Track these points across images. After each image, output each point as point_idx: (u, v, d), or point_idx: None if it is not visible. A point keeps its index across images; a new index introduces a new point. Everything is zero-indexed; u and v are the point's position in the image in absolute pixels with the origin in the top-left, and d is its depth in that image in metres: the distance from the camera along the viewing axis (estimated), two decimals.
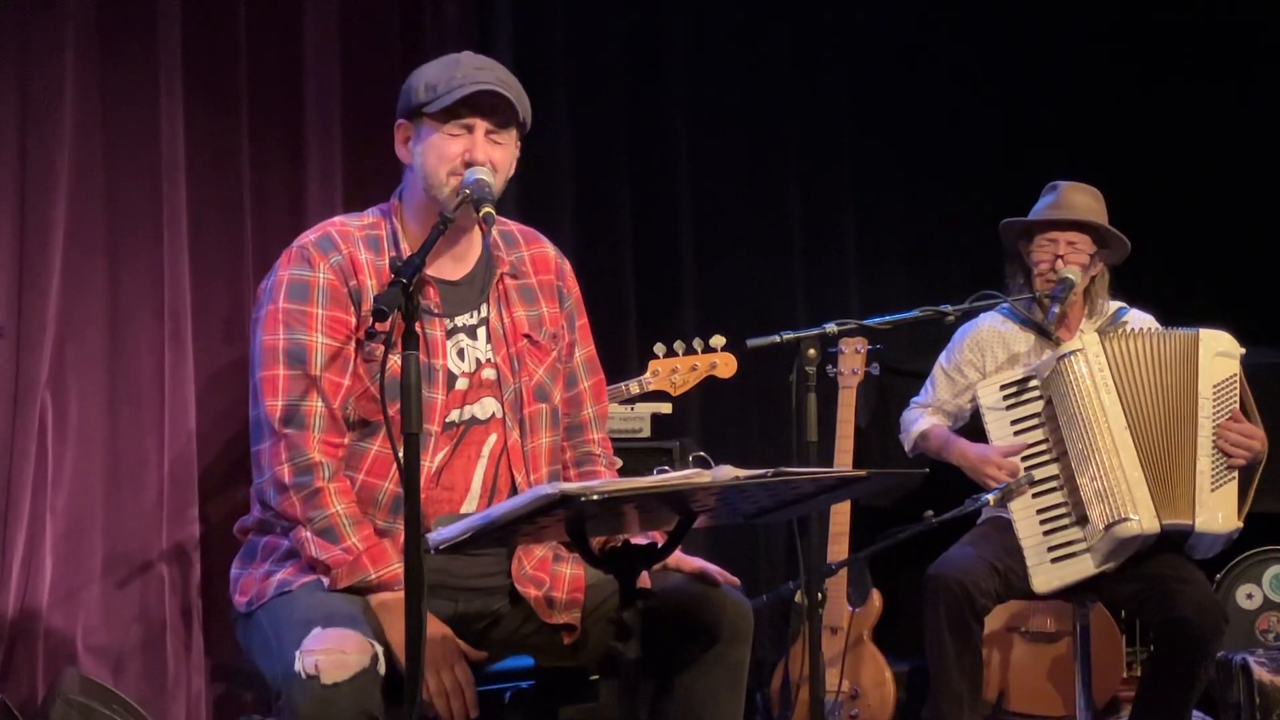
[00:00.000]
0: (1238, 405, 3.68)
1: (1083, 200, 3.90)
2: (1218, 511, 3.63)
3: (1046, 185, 3.98)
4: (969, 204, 5.11)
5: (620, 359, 4.49)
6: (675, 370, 3.98)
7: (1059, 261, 3.84)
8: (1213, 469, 3.63)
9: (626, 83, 4.89)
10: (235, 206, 3.79)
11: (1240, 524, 3.67)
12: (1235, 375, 3.70)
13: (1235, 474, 3.65)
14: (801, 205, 5.16)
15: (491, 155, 2.75)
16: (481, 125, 2.76)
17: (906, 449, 4.12)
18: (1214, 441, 3.64)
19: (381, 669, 2.53)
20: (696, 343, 4.00)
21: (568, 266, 3.03)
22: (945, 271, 5.16)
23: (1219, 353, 3.69)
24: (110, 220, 3.62)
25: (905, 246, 5.31)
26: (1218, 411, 3.66)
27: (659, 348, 4.00)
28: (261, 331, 2.76)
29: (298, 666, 2.47)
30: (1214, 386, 3.67)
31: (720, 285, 5.03)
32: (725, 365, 4.00)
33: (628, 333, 4.77)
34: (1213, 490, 3.63)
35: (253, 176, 3.82)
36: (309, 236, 2.83)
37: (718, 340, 3.98)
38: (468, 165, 2.73)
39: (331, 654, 2.48)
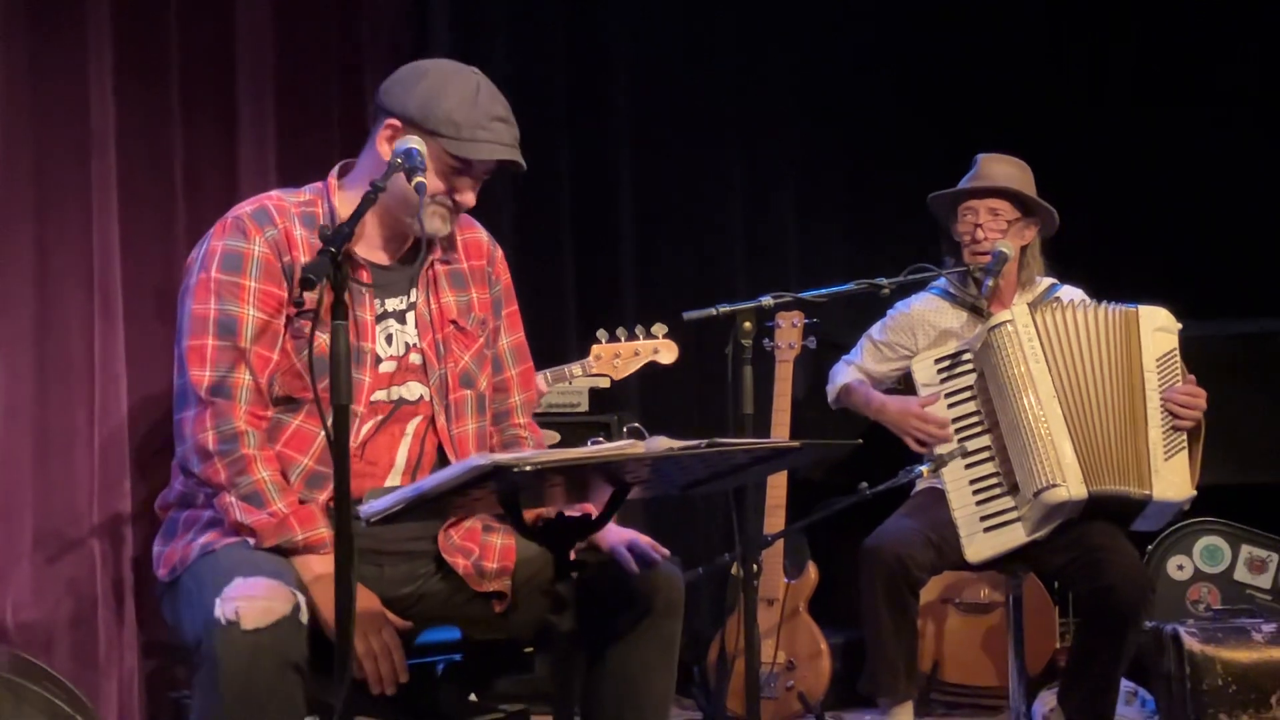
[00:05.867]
0: (1180, 379, 3.72)
1: (1001, 169, 3.95)
2: (1173, 479, 3.66)
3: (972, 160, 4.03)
4: (909, 181, 5.12)
5: (560, 339, 4.48)
6: (618, 355, 4.00)
7: (978, 230, 3.89)
8: (1164, 439, 3.67)
9: (566, 61, 4.87)
10: (166, 179, 3.74)
11: (1194, 491, 3.71)
12: (1175, 349, 3.74)
13: (1185, 442, 3.70)
14: (743, 184, 5.17)
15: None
16: (483, 174, 2.81)
17: (830, 400, 4.18)
18: (1161, 410, 3.68)
19: (304, 618, 2.50)
20: (639, 329, 4.03)
21: (500, 253, 3.03)
22: (885, 249, 5.16)
23: (1158, 328, 3.73)
24: (38, 193, 3.56)
25: (845, 227, 5.33)
26: (1163, 384, 3.70)
27: (601, 333, 4.02)
28: (191, 300, 2.73)
29: (217, 613, 2.44)
30: (1157, 360, 3.71)
31: (660, 264, 5.02)
32: (667, 351, 4.02)
33: (567, 312, 4.76)
34: (1166, 459, 3.67)
35: (184, 149, 3.76)
36: (245, 208, 2.81)
37: (659, 328, 4.00)
38: (455, 204, 2.78)
39: (254, 600, 2.45)
